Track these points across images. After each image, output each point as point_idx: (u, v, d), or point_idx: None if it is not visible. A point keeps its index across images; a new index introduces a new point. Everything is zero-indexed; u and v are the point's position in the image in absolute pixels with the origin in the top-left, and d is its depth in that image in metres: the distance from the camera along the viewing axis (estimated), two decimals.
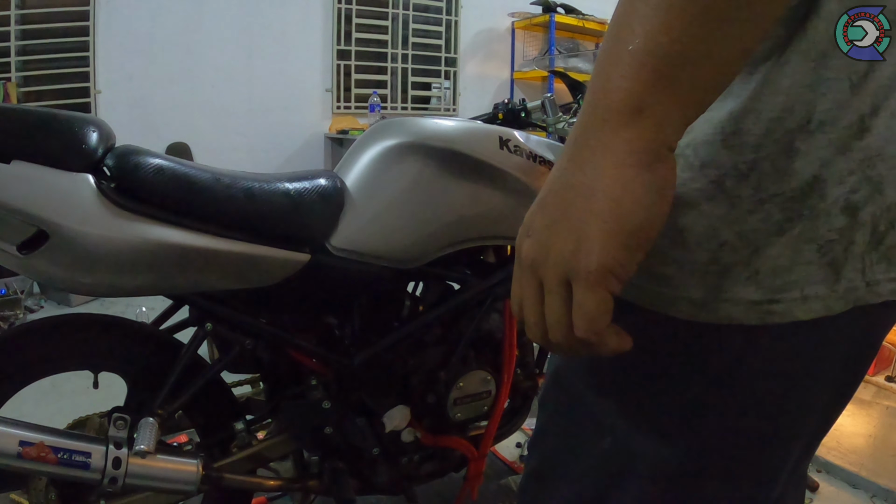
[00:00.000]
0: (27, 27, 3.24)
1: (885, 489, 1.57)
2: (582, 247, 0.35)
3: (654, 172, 0.34)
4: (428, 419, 1.20)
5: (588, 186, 0.35)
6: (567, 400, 0.55)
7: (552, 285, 0.37)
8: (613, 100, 0.34)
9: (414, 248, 1.05)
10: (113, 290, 0.88)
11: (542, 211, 0.38)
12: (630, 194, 0.34)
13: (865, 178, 0.40)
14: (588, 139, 0.36)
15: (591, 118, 0.36)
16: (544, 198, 0.38)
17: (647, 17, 0.33)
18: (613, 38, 0.35)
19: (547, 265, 0.37)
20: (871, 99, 0.39)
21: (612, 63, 0.35)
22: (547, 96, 1.34)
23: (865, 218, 0.40)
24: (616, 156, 0.34)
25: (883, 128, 0.39)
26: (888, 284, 0.42)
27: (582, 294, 0.36)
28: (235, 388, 1.22)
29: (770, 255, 0.40)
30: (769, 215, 0.40)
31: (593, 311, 0.36)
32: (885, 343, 2.16)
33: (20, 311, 2.59)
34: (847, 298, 0.41)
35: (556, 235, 0.36)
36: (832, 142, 0.39)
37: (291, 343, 1.05)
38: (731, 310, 0.41)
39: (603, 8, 4.91)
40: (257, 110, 4.02)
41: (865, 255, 0.41)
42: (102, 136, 0.84)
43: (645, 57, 0.33)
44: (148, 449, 0.87)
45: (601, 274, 0.35)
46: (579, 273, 0.35)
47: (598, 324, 0.36)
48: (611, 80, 0.35)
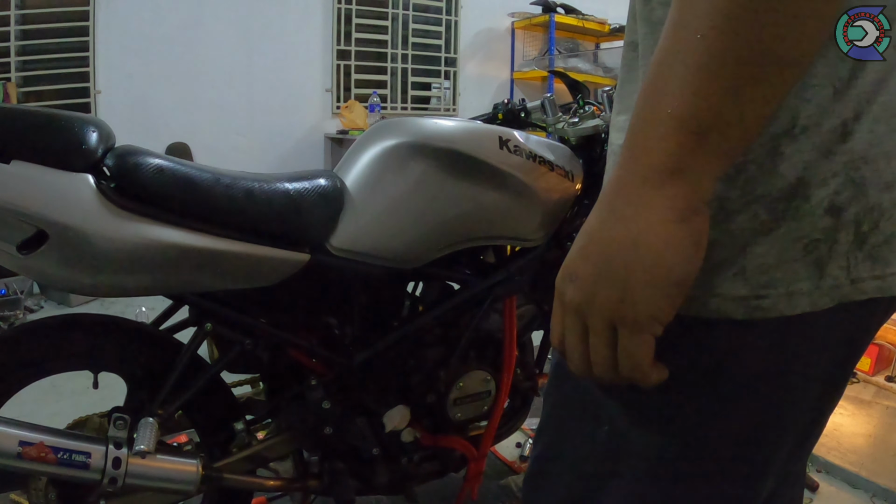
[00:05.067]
0: (27, 27, 3.24)
1: (885, 489, 1.57)
2: (627, 297, 0.38)
3: (692, 225, 0.37)
4: (428, 419, 1.20)
5: (631, 240, 0.37)
6: (567, 392, 0.58)
7: (598, 330, 0.40)
8: (654, 160, 0.37)
9: (414, 248, 1.05)
10: (113, 290, 0.88)
11: (586, 261, 0.40)
12: (671, 248, 0.37)
13: (849, 180, 0.42)
14: (629, 195, 0.38)
15: (630, 175, 0.38)
16: (586, 247, 0.41)
17: (686, 82, 0.35)
18: (651, 99, 0.37)
19: (592, 312, 0.40)
20: (854, 105, 0.41)
21: (651, 124, 0.37)
22: (547, 96, 1.34)
23: (849, 218, 0.42)
24: (657, 212, 0.37)
25: (866, 132, 0.41)
26: (872, 282, 0.44)
27: (628, 339, 0.39)
28: (235, 388, 1.21)
29: (757, 253, 0.42)
30: (756, 215, 0.42)
31: (638, 354, 0.40)
32: (885, 343, 2.16)
33: (20, 311, 2.58)
34: (832, 295, 0.43)
35: (602, 285, 0.39)
36: (816, 146, 0.41)
37: (291, 343, 1.05)
38: (720, 304, 0.43)
39: (603, 8, 4.91)
40: (257, 110, 4.02)
41: (850, 253, 0.43)
42: (102, 136, 0.84)
43: (683, 121, 0.36)
44: (148, 449, 0.87)
45: (647, 321, 0.38)
46: (626, 321, 0.39)
47: (643, 364, 0.40)
48: (650, 140, 0.37)
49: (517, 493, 1.52)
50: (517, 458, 1.70)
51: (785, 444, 0.50)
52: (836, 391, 0.52)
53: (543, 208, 1.13)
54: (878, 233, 0.43)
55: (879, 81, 0.41)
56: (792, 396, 0.47)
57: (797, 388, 0.47)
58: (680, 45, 0.36)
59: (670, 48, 0.36)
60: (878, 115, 0.41)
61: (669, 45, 0.36)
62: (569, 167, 1.17)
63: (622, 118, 0.52)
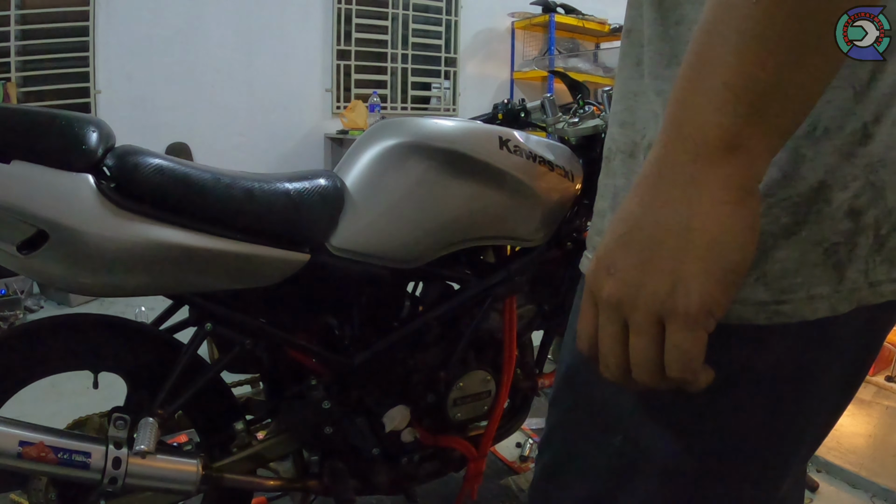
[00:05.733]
0: (27, 27, 3.24)
1: (885, 489, 1.57)
2: (679, 287, 0.34)
3: (748, 207, 0.34)
4: (428, 419, 1.20)
5: (681, 224, 0.34)
6: (579, 399, 0.56)
7: (644, 326, 0.36)
8: (708, 135, 0.34)
9: (414, 248, 1.05)
10: (113, 290, 0.88)
11: (627, 249, 0.36)
12: (728, 232, 0.34)
13: (869, 184, 0.41)
14: (677, 175, 0.35)
15: (678, 153, 0.35)
16: (626, 234, 0.37)
17: (741, 51, 0.32)
18: (702, 70, 0.34)
19: (637, 306, 0.36)
20: (874, 107, 0.40)
21: (702, 96, 0.34)
22: (546, 96, 1.34)
23: (868, 221, 0.41)
24: (711, 192, 0.34)
25: (885, 135, 0.40)
26: (890, 285, 0.43)
27: (680, 335, 0.35)
28: (235, 388, 1.21)
29: (778, 258, 0.41)
30: (777, 219, 0.41)
31: (692, 350, 0.35)
32: (885, 343, 2.16)
33: (20, 311, 2.58)
34: (851, 299, 0.42)
35: (649, 275, 0.35)
36: (837, 148, 0.40)
37: (291, 343, 1.05)
38: (741, 310, 0.42)
39: (603, 8, 4.91)
40: (257, 110, 4.02)
41: (868, 257, 0.42)
42: (102, 136, 0.84)
43: (741, 92, 0.33)
44: (148, 449, 0.87)
45: (701, 313, 0.34)
46: (677, 314, 0.35)
47: (695, 363, 0.36)
48: (702, 115, 0.34)
49: (517, 493, 1.52)
50: (517, 458, 1.70)
51: (802, 448, 0.50)
52: (849, 394, 0.52)
53: (543, 208, 1.13)
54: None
55: None
56: (810, 401, 0.47)
57: (816, 393, 0.47)
58: (732, 13, 0.33)
59: (720, 16, 0.34)
60: None
61: (719, 14, 0.34)
62: (569, 167, 1.17)
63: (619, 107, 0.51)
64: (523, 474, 1.61)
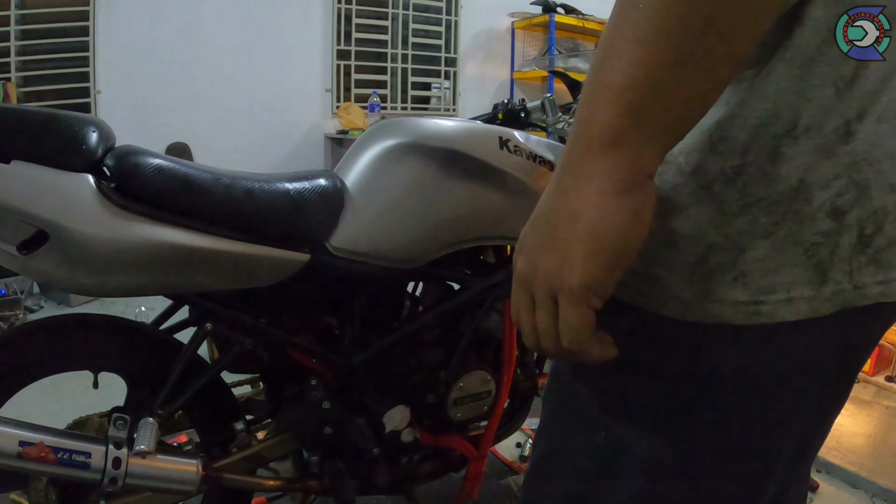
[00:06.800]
0: (27, 27, 3.24)
1: (885, 489, 1.57)
2: (565, 266, 0.38)
3: (632, 198, 0.37)
4: (428, 419, 1.20)
5: (571, 211, 0.38)
6: (564, 396, 0.57)
7: (540, 299, 0.41)
8: (593, 131, 0.37)
9: (414, 248, 1.05)
10: (113, 290, 0.88)
11: (533, 232, 0.41)
12: (608, 220, 0.37)
13: (852, 182, 0.40)
14: (572, 167, 0.38)
15: (575, 147, 0.39)
16: (535, 219, 0.41)
17: (623, 53, 0.35)
18: (595, 72, 0.38)
19: (536, 281, 0.40)
20: (857, 104, 0.39)
21: (593, 96, 0.37)
22: (547, 96, 1.34)
23: (852, 221, 0.41)
24: (596, 183, 0.37)
25: (869, 132, 0.40)
26: (876, 287, 0.43)
27: (565, 309, 0.39)
28: (235, 388, 1.22)
29: (756, 257, 0.42)
30: (755, 218, 0.41)
31: (575, 324, 0.39)
32: (885, 343, 2.16)
33: (20, 311, 2.58)
34: (834, 301, 0.42)
35: (543, 255, 0.40)
36: (818, 147, 0.40)
37: (291, 343, 1.05)
38: (719, 310, 0.43)
39: (603, 8, 4.90)
40: (257, 110, 4.02)
41: (853, 257, 0.42)
42: (102, 137, 0.84)
43: (621, 91, 0.36)
44: (148, 449, 0.88)
45: (582, 291, 0.38)
46: (563, 290, 0.39)
47: (580, 335, 0.40)
48: (591, 113, 0.37)
49: (517, 493, 1.53)
50: (517, 458, 1.70)
51: (786, 448, 0.49)
52: (839, 395, 0.52)
53: None
54: (882, 236, 0.42)
55: (884, 80, 0.39)
56: (792, 402, 0.47)
57: (798, 394, 0.46)
58: (621, 18, 0.36)
59: (613, 21, 0.36)
60: (882, 114, 0.40)
61: (613, 19, 0.36)
62: None
63: None
64: (523, 474, 1.61)
